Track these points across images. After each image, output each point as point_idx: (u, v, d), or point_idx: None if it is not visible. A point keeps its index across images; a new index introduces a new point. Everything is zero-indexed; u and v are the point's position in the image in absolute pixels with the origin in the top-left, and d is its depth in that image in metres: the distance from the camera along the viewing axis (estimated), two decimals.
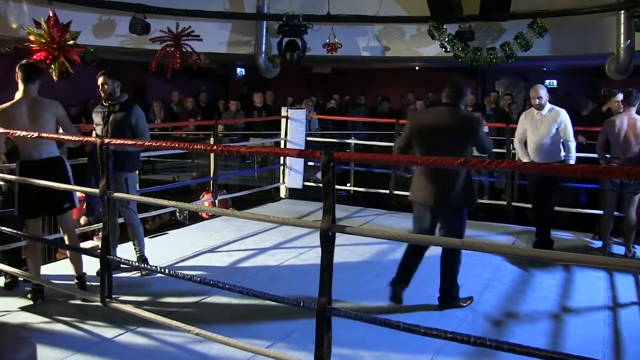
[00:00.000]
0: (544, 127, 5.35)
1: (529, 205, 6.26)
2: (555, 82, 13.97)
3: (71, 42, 7.75)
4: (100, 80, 4.62)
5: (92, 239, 6.51)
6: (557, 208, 6.02)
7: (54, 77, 7.83)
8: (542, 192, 5.55)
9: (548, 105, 5.39)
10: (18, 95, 4.09)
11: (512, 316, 4.04)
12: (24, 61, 4.24)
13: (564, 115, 5.31)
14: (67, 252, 4.43)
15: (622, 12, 8.47)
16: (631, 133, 5.37)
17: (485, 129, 4.31)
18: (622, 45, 8.62)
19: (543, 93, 5.34)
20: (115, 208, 4.55)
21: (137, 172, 4.94)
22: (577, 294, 4.51)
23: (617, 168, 4.81)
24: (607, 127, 5.54)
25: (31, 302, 4.03)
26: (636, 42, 8.56)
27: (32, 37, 7.59)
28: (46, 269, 4.74)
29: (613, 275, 4.88)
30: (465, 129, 3.94)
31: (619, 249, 5.67)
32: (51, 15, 7.65)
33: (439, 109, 4.09)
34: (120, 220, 4.86)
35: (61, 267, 4.94)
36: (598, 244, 5.87)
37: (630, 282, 4.78)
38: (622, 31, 8.59)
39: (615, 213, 5.62)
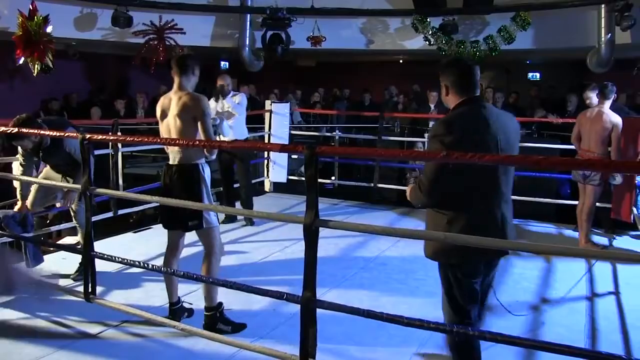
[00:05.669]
0: None
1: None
2: (538, 75, 14.08)
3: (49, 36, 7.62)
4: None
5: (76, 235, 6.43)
6: (539, 199, 6.13)
7: (34, 72, 7.71)
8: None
9: None
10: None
11: (495, 307, 4.07)
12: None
13: None
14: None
15: (603, 6, 8.56)
16: (595, 127, 5.38)
17: None
18: (603, 39, 8.72)
19: None
20: None
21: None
22: (558, 285, 4.57)
23: (597, 160, 4.88)
24: (579, 120, 5.61)
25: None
26: (616, 36, 8.66)
27: (19, 29, 7.40)
28: None
29: (593, 265, 4.95)
30: None
31: (599, 240, 5.78)
32: (31, 7, 7.52)
33: None
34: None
35: (46, 263, 4.89)
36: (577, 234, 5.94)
37: (609, 272, 4.86)
38: (602, 25, 8.68)
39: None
